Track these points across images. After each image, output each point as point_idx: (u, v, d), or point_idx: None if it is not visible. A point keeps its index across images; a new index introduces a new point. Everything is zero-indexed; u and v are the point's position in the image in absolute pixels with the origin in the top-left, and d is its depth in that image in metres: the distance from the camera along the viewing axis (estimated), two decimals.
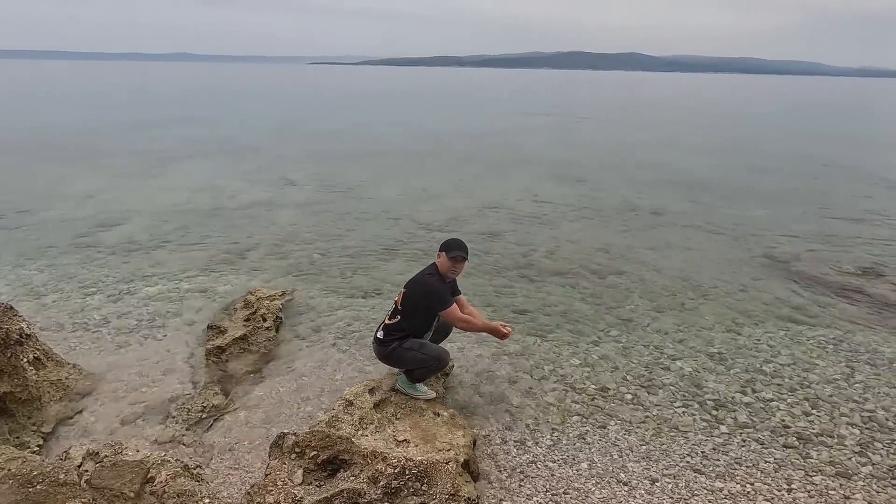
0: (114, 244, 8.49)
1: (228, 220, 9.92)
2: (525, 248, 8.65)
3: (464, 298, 4.60)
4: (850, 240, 9.33)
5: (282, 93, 57.65)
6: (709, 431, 4.32)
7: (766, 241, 9.16)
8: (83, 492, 2.81)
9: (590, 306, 6.60)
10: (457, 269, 4.30)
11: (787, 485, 3.74)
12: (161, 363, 5.15)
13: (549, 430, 4.32)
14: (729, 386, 4.95)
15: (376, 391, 4.30)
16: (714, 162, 17.72)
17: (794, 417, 4.50)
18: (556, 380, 5.02)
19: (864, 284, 7.26)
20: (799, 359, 5.44)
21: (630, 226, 10.10)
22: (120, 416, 4.38)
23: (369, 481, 2.85)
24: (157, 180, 13.21)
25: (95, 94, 47.46)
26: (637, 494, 3.63)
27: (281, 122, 27.89)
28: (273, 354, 5.37)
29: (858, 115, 43.72)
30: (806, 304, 6.71)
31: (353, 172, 14.72)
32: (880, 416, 4.53)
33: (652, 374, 5.13)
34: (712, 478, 3.80)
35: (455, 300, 4.36)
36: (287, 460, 3.14)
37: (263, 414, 4.45)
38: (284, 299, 6.45)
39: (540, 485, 3.72)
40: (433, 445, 3.78)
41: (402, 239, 9.05)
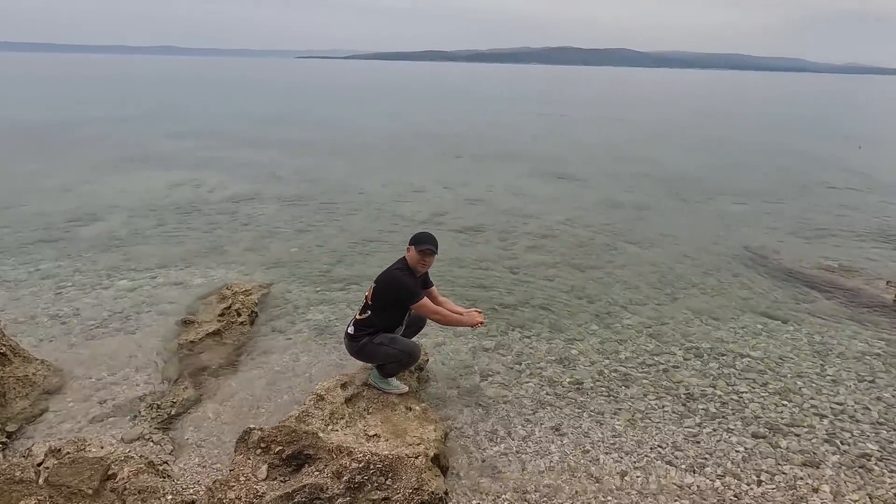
0: (90, 238, 8.36)
1: (208, 214, 9.82)
2: (507, 242, 8.64)
3: (435, 290, 4.59)
4: (826, 235, 9.42)
5: (267, 87, 57.17)
6: (680, 422, 4.34)
7: (745, 237, 9.23)
8: (39, 489, 2.75)
9: (570, 300, 6.60)
10: (426, 262, 4.29)
11: (755, 475, 3.77)
12: (132, 358, 5.08)
13: (523, 422, 4.32)
14: (703, 378, 4.98)
15: (348, 386, 4.27)
16: (696, 158, 17.83)
17: (765, 409, 4.54)
18: (533, 373, 5.02)
19: (838, 279, 7.34)
20: (772, 352, 5.48)
21: (611, 221, 10.12)
22: (88, 414, 4.31)
23: (333, 476, 2.83)
24: (137, 174, 13.03)
25: (76, 88, 46.76)
26: (606, 489, 3.63)
27: (265, 116, 27.64)
28: (247, 349, 5.32)
29: (840, 111, 44.21)
30: (781, 299, 6.76)
31: (336, 166, 14.63)
32: (849, 408, 4.58)
33: (627, 369, 5.14)
34: (682, 470, 3.81)
35: (427, 292, 4.34)
36: (252, 455, 3.11)
37: (235, 409, 4.40)
38: (261, 293, 6.39)
39: (510, 481, 3.71)
40: (403, 440, 3.75)
41: (384, 233, 9.01)
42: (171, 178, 12.55)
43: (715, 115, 35.91)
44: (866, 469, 3.86)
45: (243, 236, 8.69)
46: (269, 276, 7.08)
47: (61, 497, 2.75)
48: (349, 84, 66.32)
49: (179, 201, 10.68)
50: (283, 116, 27.58)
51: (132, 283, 6.76)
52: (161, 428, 4.14)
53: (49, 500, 2.70)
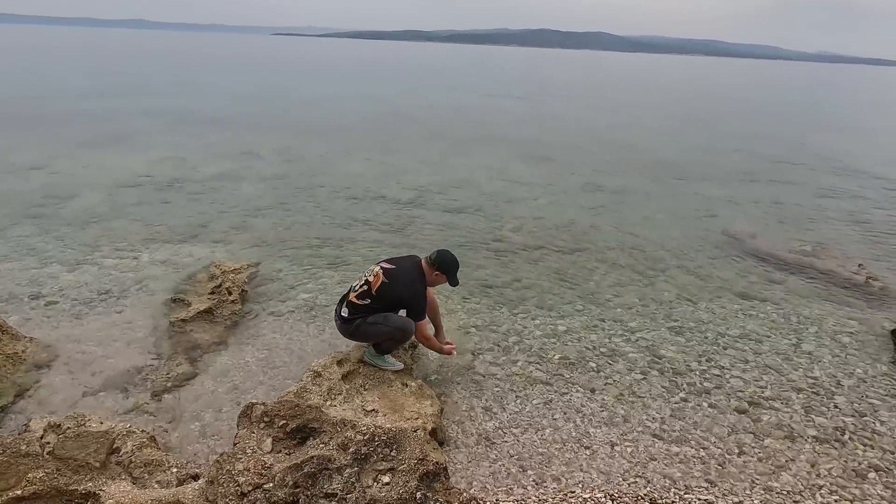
0: (70, 216, 8.20)
1: (190, 193, 9.68)
2: (492, 224, 8.72)
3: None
4: (801, 219, 9.71)
5: (243, 64, 55.90)
6: (667, 398, 4.50)
7: (724, 220, 9.46)
8: (46, 462, 2.77)
9: (555, 281, 6.72)
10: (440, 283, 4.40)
11: (737, 446, 3.95)
12: (122, 335, 5.05)
13: (515, 398, 4.44)
14: (686, 355, 5.15)
15: (344, 363, 4.32)
16: (675, 142, 18.07)
17: (746, 384, 4.72)
18: (522, 351, 5.14)
19: (813, 261, 7.59)
20: (752, 330, 5.69)
21: (595, 203, 10.27)
22: (80, 389, 4.29)
23: (339, 448, 2.89)
24: (115, 151, 12.72)
25: (45, 61, 45.10)
26: (598, 457, 3.78)
27: (243, 93, 27.10)
28: (239, 326, 5.32)
29: (814, 99, 45.06)
30: (759, 280, 6.99)
31: (318, 146, 14.48)
32: (824, 383, 4.79)
33: (614, 345, 5.29)
34: (669, 442, 3.97)
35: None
36: (256, 429, 3.15)
37: (230, 384, 4.43)
38: (249, 272, 6.37)
39: (505, 450, 3.83)
40: (401, 415, 3.84)
41: (370, 213, 9.00)
42: (149, 156, 12.30)
43: (692, 101, 36.33)
44: (841, 442, 4.06)
45: (227, 215, 8.61)
46: (255, 255, 7.05)
47: (69, 470, 2.76)
48: (327, 63, 65.21)
49: (160, 179, 10.49)
50: (260, 95, 27.07)
51: (116, 262, 6.67)
52: (157, 402, 4.15)
53: (57, 472, 2.71)
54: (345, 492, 2.59)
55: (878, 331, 5.73)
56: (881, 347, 5.43)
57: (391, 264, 4.27)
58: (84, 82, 28.51)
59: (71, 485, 2.74)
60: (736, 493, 3.50)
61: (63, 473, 2.74)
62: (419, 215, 9.02)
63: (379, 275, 4.17)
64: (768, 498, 3.47)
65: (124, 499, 2.72)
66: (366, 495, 2.57)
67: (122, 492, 2.75)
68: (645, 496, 3.38)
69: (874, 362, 5.15)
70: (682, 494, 3.44)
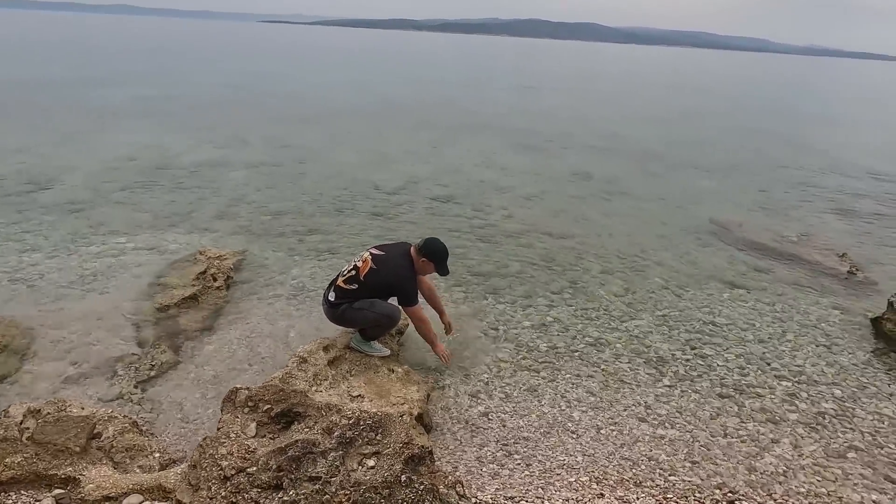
0: (52, 202, 8.06)
1: (175, 180, 9.55)
2: (480, 213, 8.70)
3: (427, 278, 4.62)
4: (787, 209, 9.78)
5: (230, 51, 55.21)
6: (652, 384, 4.53)
7: (711, 210, 9.51)
8: (25, 447, 2.72)
9: (543, 269, 6.73)
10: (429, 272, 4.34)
11: (722, 430, 3.99)
12: (105, 321, 4.98)
13: (502, 384, 4.44)
14: (672, 343, 5.18)
15: (331, 349, 4.30)
16: (664, 133, 18.12)
17: (730, 371, 4.76)
18: (509, 338, 5.14)
19: (798, 251, 7.66)
20: (737, 319, 5.73)
21: (583, 193, 10.28)
22: (62, 375, 4.23)
23: (324, 432, 2.87)
24: (98, 138, 12.52)
25: (26, 46, 44.22)
26: (584, 441, 3.79)
27: (229, 81, 26.76)
28: (224, 313, 5.28)
29: (801, 92, 45.37)
30: (745, 269, 7.04)
31: (305, 135, 14.35)
32: (807, 370, 4.84)
33: (600, 333, 5.31)
34: (654, 426, 4.00)
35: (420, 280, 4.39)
36: (240, 414, 3.12)
37: (215, 371, 4.39)
38: (235, 259, 6.31)
39: (492, 435, 3.84)
40: (387, 400, 3.83)
41: (357, 201, 8.94)
42: (133, 142, 12.12)
43: (681, 93, 36.43)
44: (822, 425, 4.11)
45: (213, 202, 8.51)
46: (242, 242, 6.98)
47: (48, 454, 2.72)
48: (315, 51, 64.58)
49: (144, 165, 10.34)
50: (247, 82, 26.74)
51: (99, 248, 6.57)
52: (140, 388, 4.11)
53: (36, 457, 2.67)
54: (329, 475, 2.57)
55: (860, 319, 5.80)
56: (862, 336, 5.50)
57: (381, 250, 4.24)
58: (66, 68, 28.01)
59: (50, 469, 2.70)
60: (720, 473, 3.53)
61: (42, 458, 2.70)
62: (407, 203, 8.98)
63: (368, 260, 4.14)
64: (752, 478, 3.50)
65: (105, 483, 2.68)
66: (350, 478, 2.56)
67: (102, 476, 2.72)
68: (630, 478, 3.40)
69: (856, 350, 5.22)
70: (667, 476, 3.47)
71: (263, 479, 2.62)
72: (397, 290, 4.18)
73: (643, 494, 3.26)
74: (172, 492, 2.70)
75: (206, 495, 2.58)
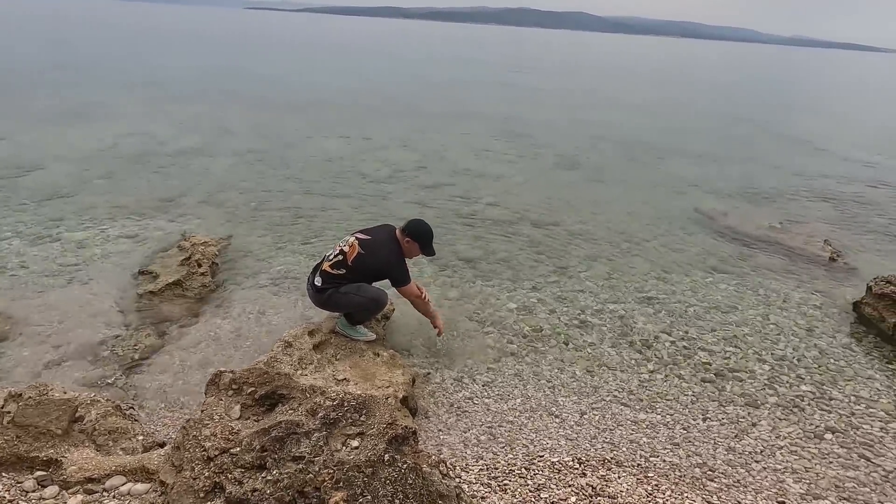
0: (33, 188, 7.93)
1: (158, 167, 9.44)
2: (467, 200, 8.70)
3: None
4: (770, 197, 9.89)
5: (214, 38, 54.42)
6: (635, 369, 4.58)
7: (696, 197, 9.59)
8: (5, 430, 2.70)
9: (529, 254, 6.75)
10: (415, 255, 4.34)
11: (702, 414, 4.05)
12: (87, 307, 4.94)
13: (486, 369, 4.47)
14: (656, 327, 5.24)
15: (316, 333, 4.29)
16: (650, 122, 18.19)
17: (712, 355, 4.83)
18: (494, 323, 5.17)
19: (781, 238, 7.75)
20: (720, 304, 5.80)
21: (569, 180, 10.31)
22: (44, 360, 4.19)
23: (308, 413, 2.88)
24: (78, 124, 12.32)
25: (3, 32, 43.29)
26: (567, 426, 3.84)
27: (214, 68, 26.42)
28: (209, 299, 5.25)
29: (787, 82, 45.69)
30: (729, 255, 7.11)
31: (291, 122, 14.22)
32: (788, 354, 4.92)
33: (585, 317, 5.35)
34: (636, 410, 4.05)
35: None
36: (224, 397, 3.12)
37: (199, 356, 4.38)
38: (220, 246, 6.27)
39: (476, 419, 3.87)
40: (373, 383, 3.84)
41: (344, 189, 8.90)
42: (116, 129, 11.94)
43: (668, 82, 36.53)
44: (800, 408, 4.19)
45: (198, 189, 8.43)
46: (227, 230, 6.93)
47: (29, 437, 2.70)
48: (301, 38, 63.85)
49: (127, 153, 10.21)
50: (232, 70, 26.40)
51: (82, 235, 6.50)
52: (124, 373, 4.08)
53: (17, 439, 2.65)
54: (313, 455, 2.58)
55: (841, 304, 5.90)
56: (843, 320, 5.59)
57: (367, 234, 4.23)
58: (45, 54, 27.46)
59: (32, 452, 2.68)
60: (700, 454, 3.59)
61: (24, 441, 2.68)
62: (393, 190, 8.95)
63: (355, 245, 4.13)
64: (731, 458, 3.57)
65: (87, 465, 2.68)
66: (334, 458, 2.57)
67: (85, 458, 2.71)
68: (612, 459, 3.45)
69: (835, 333, 5.31)
70: (648, 457, 3.52)
71: (247, 460, 2.62)
72: (387, 274, 4.18)
73: (624, 474, 3.31)
74: (155, 473, 2.70)
75: (189, 475, 2.58)
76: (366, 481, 2.49)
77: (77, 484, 2.61)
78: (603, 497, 3.05)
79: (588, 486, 3.13)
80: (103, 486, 2.64)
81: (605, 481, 3.20)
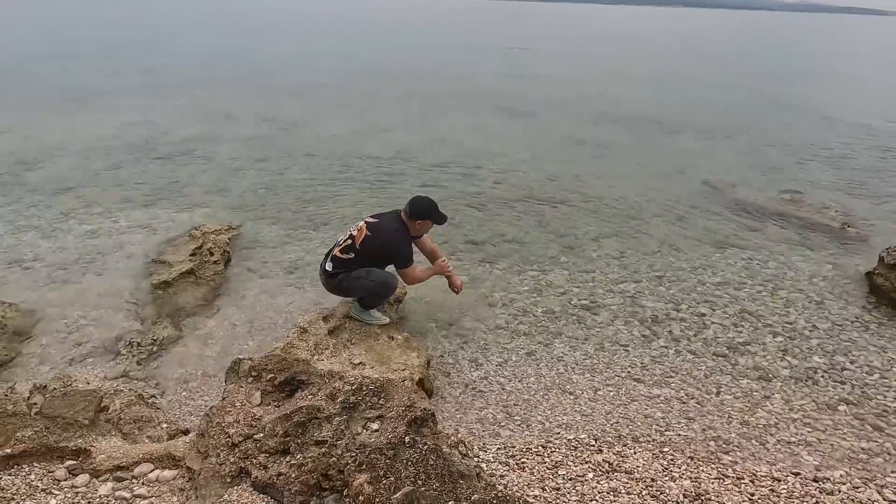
0: (41, 181, 7.99)
1: (164, 157, 9.45)
2: (473, 180, 8.68)
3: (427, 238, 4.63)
4: (780, 168, 9.80)
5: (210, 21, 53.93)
6: (648, 345, 4.61)
7: (704, 170, 9.52)
8: (34, 421, 2.77)
9: (538, 234, 6.76)
10: (428, 229, 4.37)
11: (715, 388, 4.08)
12: (104, 300, 5.01)
13: (500, 350, 4.52)
14: (667, 304, 5.26)
15: (330, 318, 4.35)
16: (655, 95, 17.97)
17: (724, 329, 4.85)
18: (506, 304, 5.20)
19: (791, 209, 7.71)
20: (731, 278, 5.80)
21: (575, 157, 10.25)
22: (66, 355, 4.27)
23: (328, 398, 2.93)
24: (81, 116, 12.31)
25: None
26: (582, 402, 3.88)
27: (211, 53, 26.22)
28: (223, 288, 5.31)
29: (792, 49, 44.91)
30: (739, 228, 7.09)
31: (293, 107, 14.15)
32: (799, 326, 4.93)
33: (596, 296, 5.37)
34: (650, 385, 4.09)
35: (420, 241, 4.47)
36: (244, 384, 3.18)
37: (217, 345, 4.44)
38: (231, 234, 6.31)
39: (492, 398, 3.92)
40: (388, 367, 3.89)
41: (350, 173, 8.89)
42: (119, 119, 11.93)
43: (672, 53, 35.99)
44: (813, 380, 4.21)
45: (205, 177, 8.45)
46: (236, 217, 6.96)
47: (58, 428, 2.77)
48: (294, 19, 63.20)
49: (132, 142, 10.22)
50: (228, 54, 26.16)
51: (94, 227, 6.55)
52: (144, 366, 4.15)
53: (46, 430, 2.72)
54: (335, 438, 2.64)
55: (853, 274, 5.88)
56: (855, 291, 5.58)
57: (375, 218, 4.27)
58: (41, 43, 27.34)
59: (61, 442, 2.75)
60: (714, 427, 3.63)
61: (52, 431, 2.75)
62: (400, 173, 8.94)
63: (363, 229, 4.17)
64: (745, 431, 3.61)
65: (116, 453, 2.75)
66: (356, 441, 2.62)
67: (113, 447, 2.78)
68: (627, 434, 3.50)
69: (847, 305, 5.31)
70: (663, 431, 3.57)
71: (271, 445, 2.68)
72: (392, 253, 4.20)
73: (640, 449, 3.36)
74: (182, 460, 2.77)
75: (215, 461, 2.64)
76: (388, 463, 2.54)
77: (107, 472, 2.69)
78: (620, 472, 3.10)
79: (605, 462, 3.18)
80: (132, 473, 2.71)
81: (622, 457, 3.25)
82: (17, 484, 2.57)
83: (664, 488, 2.98)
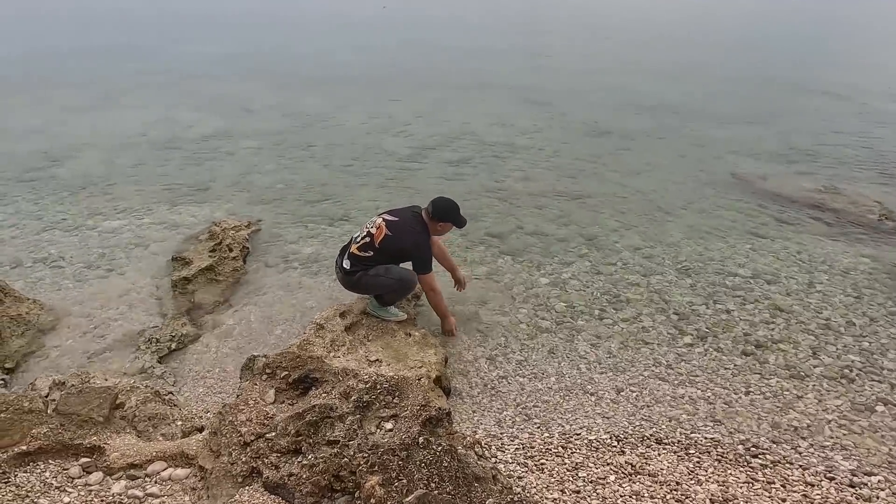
0: (67, 179, 8.11)
1: (187, 152, 9.53)
2: (494, 174, 8.55)
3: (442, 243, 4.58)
4: (811, 157, 9.46)
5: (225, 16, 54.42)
6: (673, 342, 4.46)
7: (730, 161, 9.23)
8: (50, 418, 2.77)
9: (559, 227, 6.62)
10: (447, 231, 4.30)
11: (744, 387, 3.92)
12: (126, 296, 5.05)
13: (520, 347, 4.41)
14: (693, 299, 5.09)
15: (347, 315, 4.30)
16: (675, 85, 17.49)
17: (754, 326, 4.67)
18: (526, 299, 5.09)
19: (824, 199, 7.42)
20: (761, 271, 5.59)
21: (597, 149, 10.02)
22: (87, 350, 4.31)
23: (341, 397, 2.87)
24: (106, 113, 12.48)
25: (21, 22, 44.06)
26: (604, 403, 3.77)
27: (229, 47, 26.37)
28: (241, 284, 5.30)
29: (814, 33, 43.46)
30: (768, 220, 6.84)
31: (312, 100, 14.13)
32: (834, 322, 4.73)
33: (619, 290, 5.23)
34: (675, 384, 3.95)
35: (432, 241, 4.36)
36: (258, 381, 3.14)
37: (234, 342, 4.43)
38: (251, 230, 6.31)
39: (511, 399, 3.82)
40: (405, 364, 3.83)
41: (369, 168, 8.84)
42: (142, 116, 12.06)
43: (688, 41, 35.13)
44: (848, 379, 4.02)
45: (226, 173, 8.49)
46: (256, 213, 6.97)
47: (72, 425, 2.77)
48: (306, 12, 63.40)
49: (155, 139, 10.33)
50: (244, 49, 26.27)
51: (117, 224, 6.62)
52: (162, 362, 4.16)
53: (61, 427, 2.72)
54: (347, 438, 2.58)
55: (891, 269, 5.62)
56: (893, 285, 5.33)
57: (393, 216, 4.19)
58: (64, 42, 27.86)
59: (76, 439, 2.75)
60: (742, 430, 3.49)
61: (67, 428, 2.75)
62: (419, 167, 8.86)
63: (382, 227, 4.10)
64: (776, 434, 3.45)
65: (129, 451, 2.73)
66: (368, 441, 2.56)
67: (126, 444, 2.76)
68: (651, 436, 3.38)
69: (886, 300, 5.07)
70: (689, 434, 3.44)
71: (282, 444, 2.64)
72: (412, 256, 4.14)
73: (664, 451, 3.24)
74: (195, 458, 2.74)
75: (227, 461, 2.61)
76: (401, 465, 2.48)
77: (120, 470, 2.67)
78: (643, 475, 2.98)
79: (627, 464, 3.07)
80: (145, 471, 2.70)
81: (645, 459, 3.14)
82: (33, 481, 2.58)
83: (689, 492, 2.86)
